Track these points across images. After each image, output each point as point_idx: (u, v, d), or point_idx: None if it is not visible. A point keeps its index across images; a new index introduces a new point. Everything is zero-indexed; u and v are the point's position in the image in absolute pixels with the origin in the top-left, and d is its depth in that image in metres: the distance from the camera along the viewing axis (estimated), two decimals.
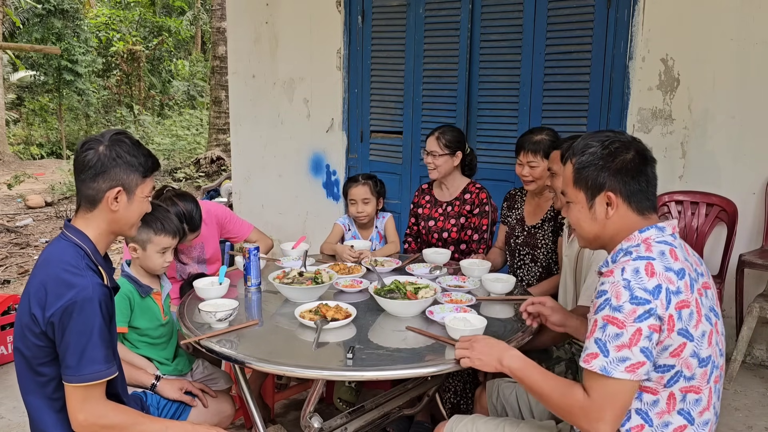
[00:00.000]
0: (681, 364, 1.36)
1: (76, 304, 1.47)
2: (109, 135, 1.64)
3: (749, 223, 3.39)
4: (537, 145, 2.65)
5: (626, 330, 1.32)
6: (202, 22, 20.53)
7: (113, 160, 1.60)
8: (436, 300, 2.16)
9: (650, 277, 1.34)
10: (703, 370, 1.38)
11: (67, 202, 9.14)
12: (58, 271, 1.52)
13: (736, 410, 2.99)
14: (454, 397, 2.63)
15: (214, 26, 10.97)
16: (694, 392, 1.39)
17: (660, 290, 1.32)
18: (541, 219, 2.74)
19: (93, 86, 18.53)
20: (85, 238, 1.61)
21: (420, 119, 4.28)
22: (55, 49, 13.88)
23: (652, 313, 1.31)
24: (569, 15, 3.68)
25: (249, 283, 2.41)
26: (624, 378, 1.32)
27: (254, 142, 5.23)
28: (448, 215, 3.04)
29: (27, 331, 1.53)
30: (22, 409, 3.01)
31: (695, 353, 1.36)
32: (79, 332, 1.48)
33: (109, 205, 1.61)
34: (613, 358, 1.33)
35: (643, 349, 1.31)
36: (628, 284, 1.33)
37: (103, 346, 1.52)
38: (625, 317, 1.32)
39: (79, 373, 1.49)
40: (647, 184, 1.47)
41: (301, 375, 1.75)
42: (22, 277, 5.36)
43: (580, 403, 1.38)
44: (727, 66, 3.33)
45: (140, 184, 1.66)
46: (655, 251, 1.39)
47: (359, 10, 4.46)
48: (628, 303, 1.32)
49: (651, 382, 1.38)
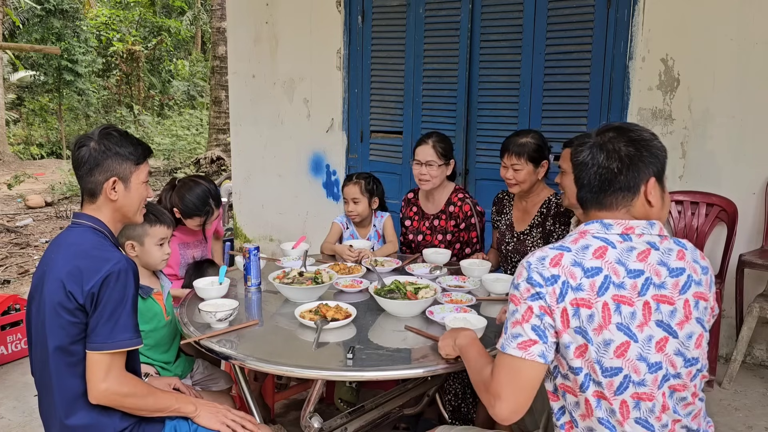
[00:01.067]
0: (588, 367, 1.33)
1: (113, 274, 1.56)
2: (98, 131, 1.73)
3: (749, 223, 3.39)
4: (521, 148, 2.60)
5: (519, 307, 1.36)
6: (202, 22, 20.55)
7: (103, 153, 1.69)
8: (436, 300, 2.16)
9: (551, 267, 1.34)
10: (609, 380, 1.32)
11: (67, 202, 9.14)
12: (88, 250, 1.61)
13: (736, 410, 2.99)
14: (455, 400, 2.63)
15: (214, 26, 10.97)
16: (606, 401, 1.33)
17: (556, 281, 1.33)
18: (529, 225, 2.70)
19: (93, 86, 18.53)
20: (99, 222, 1.70)
21: (420, 119, 4.28)
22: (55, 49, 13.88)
23: (541, 296, 1.33)
24: (569, 15, 3.68)
25: (249, 283, 2.41)
26: (516, 355, 1.33)
27: (254, 142, 5.23)
28: (435, 230, 3.00)
29: (61, 310, 1.56)
30: (22, 409, 3.01)
31: (597, 359, 1.31)
32: (115, 300, 1.56)
33: (108, 195, 1.69)
34: (509, 335, 1.36)
35: (534, 327, 1.33)
36: (528, 267, 1.37)
37: (134, 315, 1.62)
38: (520, 295, 1.36)
39: (111, 340, 1.55)
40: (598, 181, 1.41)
41: (301, 375, 1.75)
42: (22, 277, 5.36)
43: (486, 379, 1.41)
44: (727, 66, 3.33)
45: (134, 172, 1.74)
46: (579, 244, 1.37)
47: (359, 10, 4.46)
48: (524, 282, 1.36)
49: (569, 382, 1.37)
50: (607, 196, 1.40)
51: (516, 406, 1.35)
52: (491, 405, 1.37)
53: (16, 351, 3.53)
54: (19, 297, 3.72)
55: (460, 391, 2.62)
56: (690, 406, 1.38)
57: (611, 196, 1.40)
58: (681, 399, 1.37)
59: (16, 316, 3.57)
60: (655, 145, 1.42)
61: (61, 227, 7.40)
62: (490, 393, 1.38)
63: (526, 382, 1.35)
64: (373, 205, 3.07)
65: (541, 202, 2.69)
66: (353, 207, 3.03)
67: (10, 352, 3.51)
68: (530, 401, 1.36)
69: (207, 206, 2.73)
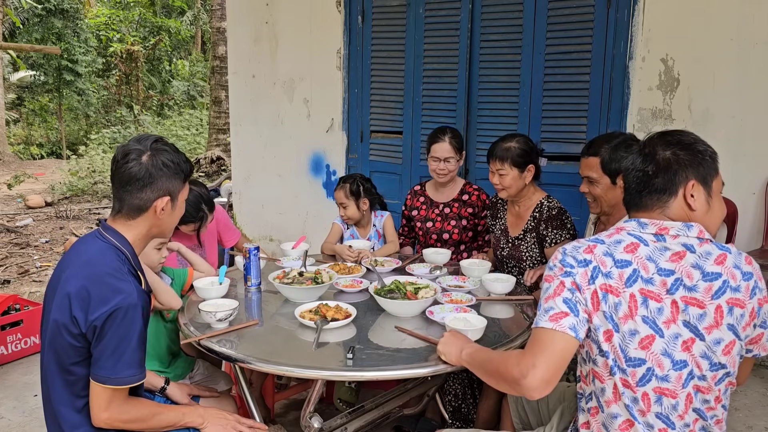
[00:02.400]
0: (613, 352, 1.38)
1: (121, 309, 1.49)
2: (149, 143, 1.63)
3: (749, 223, 3.39)
4: (505, 153, 2.59)
5: (552, 283, 1.42)
6: (202, 22, 20.55)
7: (160, 170, 1.61)
8: (436, 300, 2.16)
9: (584, 252, 1.42)
10: (633, 370, 1.37)
11: (67, 202, 9.13)
12: (102, 275, 1.52)
13: (736, 410, 2.99)
14: (455, 400, 2.63)
15: (214, 26, 10.97)
16: (630, 389, 1.38)
17: (588, 264, 1.40)
18: (523, 230, 2.69)
19: (93, 86, 18.54)
20: (125, 242, 1.62)
21: (420, 119, 4.28)
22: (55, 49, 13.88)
23: (572, 276, 1.40)
24: (569, 15, 3.68)
25: (249, 283, 2.41)
26: (548, 327, 1.37)
27: (254, 142, 5.23)
28: (447, 216, 3.04)
29: (64, 331, 1.52)
30: (22, 408, 3.01)
31: (621, 347, 1.36)
32: (120, 337, 1.50)
33: (157, 213, 1.63)
34: (542, 310, 1.41)
35: (565, 299, 1.38)
36: (564, 252, 1.45)
37: (140, 350, 1.56)
38: (553, 273, 1.43)
39: (115, 376, 1.51)
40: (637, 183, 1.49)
41: (301, 375, 1.75)
42: (22, 277, 5.36)
43: (516, 356, 1.43)
44: (727, 66, 3.33)
45: (182, 189, 1.68)
46: (613, 239, 1.44)
47: (359, 10, 4.46)
48: (558, 263, 1.44)
49: (598, 367, 1.41)
50: (643, 198, 1.47)
51: (549, 375, 1.37)
52: (523, 377, 1.37)
53: (16, 351, 3.53)
54: (19, 297, 3.72)
55: (460, 392, 2.62)
56: (712, 410, 1.40)
57: (647, 198, 1.47)
58: (705, 401, 1.39)
59: (16, 316, 3.57)
60: (695, 148, 1.47)
61: (61, 227, 7.40)
62: (522, 365, 1.38)
63: (558, 353, 1.37)
64: (362, 206, 3.05)
65: (533, 206, 2.68)
66: (343, 211, 3.05)
67: (10, 352, 3.51)
68: (560, 375, 1.39)
69: (200, 212, 2.69)
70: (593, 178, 2.30)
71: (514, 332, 1.99)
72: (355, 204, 3.02)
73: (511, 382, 1.42)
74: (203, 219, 2.73)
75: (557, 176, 3.70)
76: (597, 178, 2.29)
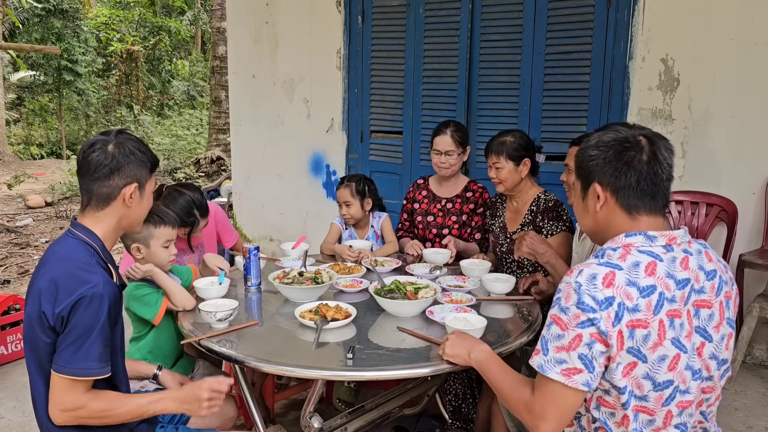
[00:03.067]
0: (632, 384, 1.30)
1: (85, 298, 1.49)
2: (114, 133, 1.66)
3: (749, 223, 3.39)
4: (501, 147, 2.65)
5: (567, 333, 1.29)
6: (202, 22, 20.55)
7: (127, 157, 1.62)
8: (436, 300, 2.16)
9: (605, 287, 1.27)
10: (659, 393, 1.31)
11: (67, 202, 9.13)
12: (70, 268, 1.53)
13: (736, 410, 2.99)
14: (456, 400, 2.63)
15: (214, 26, 10.97)
16: (647, 414, 1.33)
17: (611, 303, 1.26)
18: (521, 224, 2.71)
19: (93, 86, 18.53)
20: (94, 236, 1.62)
21: (420, 119, 4.28)
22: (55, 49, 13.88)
23: (594, 323, 1.26)
24: (569, 15, 3.68)
25: (249, 283, 2.41)
26: (559, 380, 1.30)
27: (254, 142, 5.23)
28: (449, 212, 3.05)
29: (36, 327, 1.54)
30: (22, 409, 3.01)
31: (649, 375, 1.29)
32: (81, 326, 1.49)
33: (126, 201, 1.63)
34: (551, 358, 1.31)
35: (581, 355, 1.28)
36: (578, 288, 1.29)
37: (102, 344, 1.52)
38: (568, 320, 1.29)
39: (70, 366, 1.49)
40: (638, 181, 1.37)
41: (301, 375, 1.75)
42: (22, 277, 5.36)
43: (526, 399, 1.40)
44: (727, 66, 3.33)
45: (149, 179, 1.69)
46: (628, 261, 1.31)
47: (359, 10, 4.46)
48: (574, 306, 1.28)
49: (610, 398, 1.34)
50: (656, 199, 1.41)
51: (560, 427, 1.36)
52: (535, 426, 1.36)
53: (16, 351, 3.53)
54: (19, 297, 3.72)
55: (461, 392, 2.62)
56: (711, 407, 1.41)
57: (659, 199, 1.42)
58: (706, 399, 1.40)
59: (16, 316, 3.57)
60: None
61: (61, 227, 7.40)
62: (533, 414, 1.37)
63: (569, 407, 1.34)
64: (366, 206, 3.05)
65: (531, 201, 2.71)
66: (346, 210, 3.04)
67: (10, 352, 3.51)
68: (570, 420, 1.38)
69: (191, 216, 2.64)
70: (570, 166, 2.30)
71: (514, 332, 1.98)
72: (359, 203, 3.02)
73: (521, 419, 1.44)
74: (194, 224, 2.68)
75: (557, 176, 3.68)
76: (572, 167, 2.28)
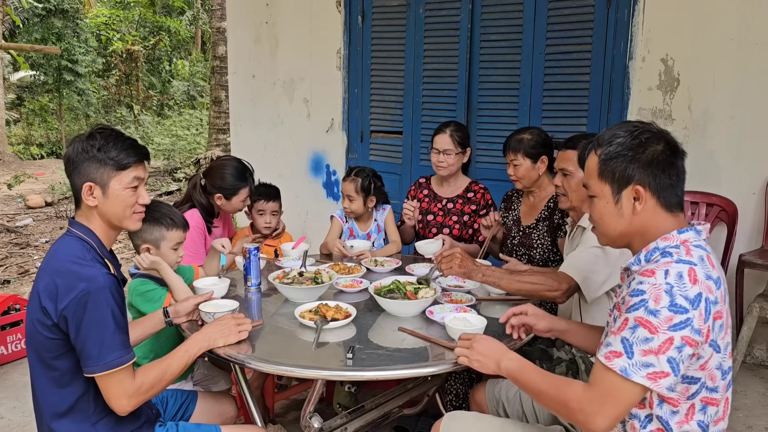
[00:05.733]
0: (707, 376, 1.31)
1: (90, 294, 1.49)
2: (88, 131, 1.67)
3: (749, 223, 3.39)
4: (518, 144, 2.68)
5: (657, 336, 1.25)
6: (202, 22, 20.53)
7: (80, 156, 1.62)
8: (436, 300, 2.16)
9: (693, 284, 1.26)
10: (725, 381, 1.34)
11: (67, 202, 9.12)
12: (66, 264, 1.55)
13: (736, 410, 2.99)
14: (456, 400, 2.63)
15: (214, 26, 10.96)
16: (714, 405, 1.34)
17: (700, 300, 1.26)
18: (536, 219, 2.74)
19: (93, 86, 18.52)
20: (89, 232, 1.64)
21: (420, 119, 4.28)
22: (55, 49, 13.87)
23: (688, 324, 1.24)
24: (569, 15, 3.68)
25: (249, 283, 2.41)
26: (643, 384, 1.26)
27: (254, 142, 5.23)
28: (449, 212, 3.05)
29: (39, 326, 1.54)
30: (22, 409, 3.01)
31: (720, 365, 1.32)
32: (96, 322, 1.50)
33: (85, 200, 1.63)
34: (637, 362, 1.26)
35: (670, 359, 1.25)
36: (670, 289, 1.26)
37: (120, 332, 1.55)
38: (659, 323, 1.25)
39: (101, 362, 1.51)
40: (677, 178, 1.37)
41: (301, 375, 1.75)
42: (22, 277, 5.36)
43: (578, 395, 1.35)
44: (727, 66, 3.32)
45: (115, 177, 1.64)
46: (695, 256, 1.31)
47: (359, 10, 4.46)
48: (666, 309, 1.25)
49: (675, 393, 1.32)
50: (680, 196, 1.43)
51: (614, 424, 1.32)
52: (589, 421, 1.31)
53: (16, 351, 3.53)
54: (19, 297, 3.72)
55: (461, 392, 2.62)
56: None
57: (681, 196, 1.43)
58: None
59: (16, 316, 3.57)
60: None
61: (61, 227, 7.40)
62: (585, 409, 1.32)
63: (629, 404, 1.31)
64: (369, 203, 3.05)
65: (548, 197, 2.73)
66: (348, 204, 3.04)
67: (10, 352, 3.51)
68: None
69: (248, 173, 2.90)
70: (569, 170, 2.29)
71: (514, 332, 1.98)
72: (362, 200, 3.02)
73: (568, 417, 1.39)
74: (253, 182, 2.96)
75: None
76: (573, 171, 2.28)
